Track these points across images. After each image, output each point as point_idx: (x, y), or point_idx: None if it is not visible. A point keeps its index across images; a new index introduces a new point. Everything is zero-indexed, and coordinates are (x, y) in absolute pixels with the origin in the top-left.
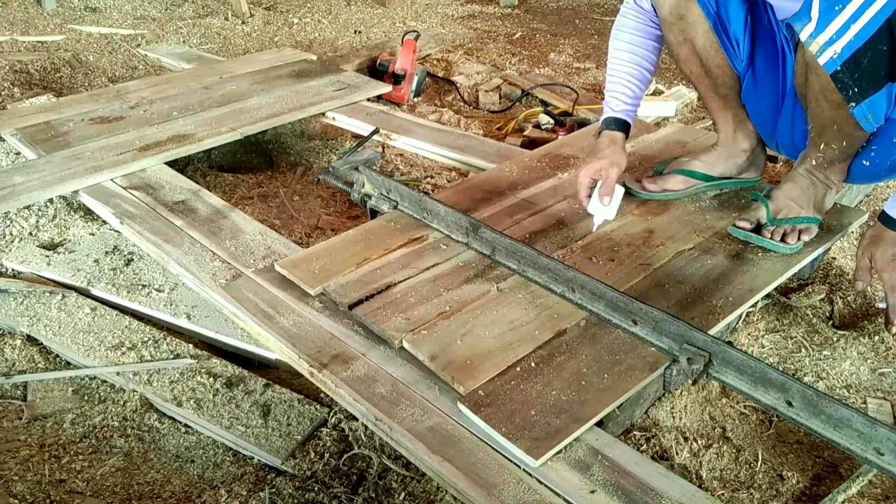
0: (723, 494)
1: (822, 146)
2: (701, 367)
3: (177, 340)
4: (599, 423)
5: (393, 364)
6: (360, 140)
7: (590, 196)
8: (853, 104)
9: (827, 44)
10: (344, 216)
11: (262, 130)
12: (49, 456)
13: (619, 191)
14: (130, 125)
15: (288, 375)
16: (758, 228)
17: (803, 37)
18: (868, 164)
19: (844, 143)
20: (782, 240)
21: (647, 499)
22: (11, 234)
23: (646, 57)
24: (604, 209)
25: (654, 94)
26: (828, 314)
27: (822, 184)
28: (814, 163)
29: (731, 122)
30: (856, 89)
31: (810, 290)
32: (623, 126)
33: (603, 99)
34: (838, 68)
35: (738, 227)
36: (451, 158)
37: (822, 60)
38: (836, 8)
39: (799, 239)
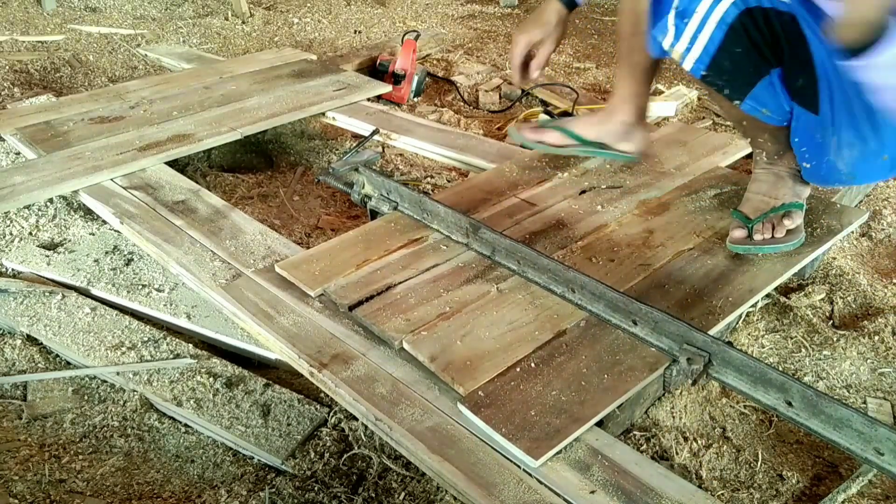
0: (723, 494)
1: (755, 140)
2: (701, 367)
3: (177, 340)
4: (599, 424)
5: (393, 364)
6: (360, 141)
7: (523, 64)
8: (738, 102)
9: (685, 51)
10: (344, 216)
11: (262, 130)
12: (49, 456)
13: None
14: (130, 125)
15: (288, 375)
16: (749, 235)
17: (666, 46)
18: (808, 166)
19: (768, 134)
20: (773, 236)
21: (647, 499)
22: (11, 233)
23: None
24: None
25: (653, 93)
26: (828, 314)
27: (786, 171)
28: (764, 157)
29: (628, 93)
30: (730, 89)
31: (810, 290)
32: (570, 3)
33: (604, 99)
34: (704, 73)
35: (734, 238)
36: (451, 158)
37: (686, 67)
38: (685, 21)
39: (785, 228)
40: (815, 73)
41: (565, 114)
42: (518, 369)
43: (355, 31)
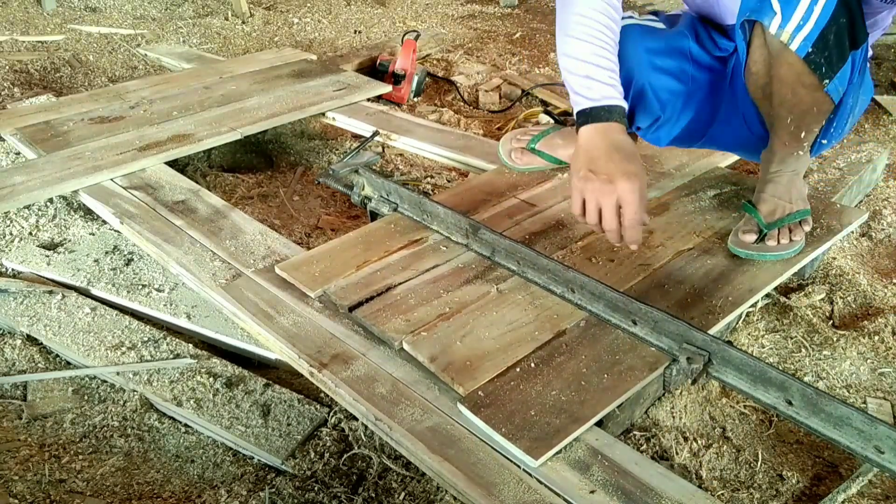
0: (723, 494)
1: (802, 134)
2: (700, 366)
3: (177, 340)
4: (599, 423)
5: (393, 364)
6: (360, 143)
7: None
8: (827, 81)
9: (796, 30)
10: (344, 216)
11: (262, 130)
12: (49, 456)
13: None
14: (130, 125)
15: (288, 375)
16: (761, 240)
17: (773, 29)
18: (826, 142)
19: (824, 123)
20: (790, 240)
21: (646, 499)
22: (11, 233)
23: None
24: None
25: None
26: (828, 314)
27: (796, 173)
28: (800, 153)
29: None
30: (827, 66)
31: (810, 290)
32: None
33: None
34: (810, 50)
35: (741, 243)
36: (451, 158)
37: (794, 46)
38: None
39: (796, 234)
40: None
41: (566, 114)
42: (518, 369)
43: (355, 31)
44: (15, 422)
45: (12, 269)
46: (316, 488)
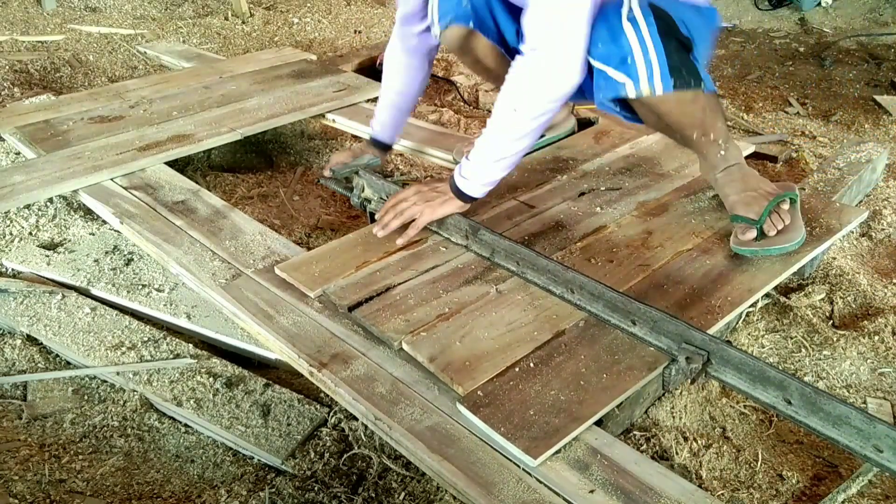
0: (723, 494)
1: (712, 134)
2: (699, 366)
3: (177, 340)
4: (599, 423)
5: (393, 364)
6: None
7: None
8: (699, 84)
9: (650, 80)
10: (344, 216)
11: (262, 131)
12: (49, 456)
13: None
14: (130, 125)
15: (288, 375)
16: (761, 234)
17: (634, 95)
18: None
19: (719, 107)
20: (785, 225)
21: (646, 498)
22: (11, 233)
23: (415, 86)
24: None
25: None
26: (828, 314)
27: (738, 165)
28: (723, 145)
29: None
30: (691, 77)
31: (810, 290)
32: (377, 143)
33: None
34: (672, 81)
35: (743, 242)
36: (451, 159)
37: (659, 91)
38: (631, 59)
39: (789, 216)
40: None
41: None
42: (517, 369)
43: (355, 31)
44: (15, 422)
45: (12, 269)
46: (316, 488)
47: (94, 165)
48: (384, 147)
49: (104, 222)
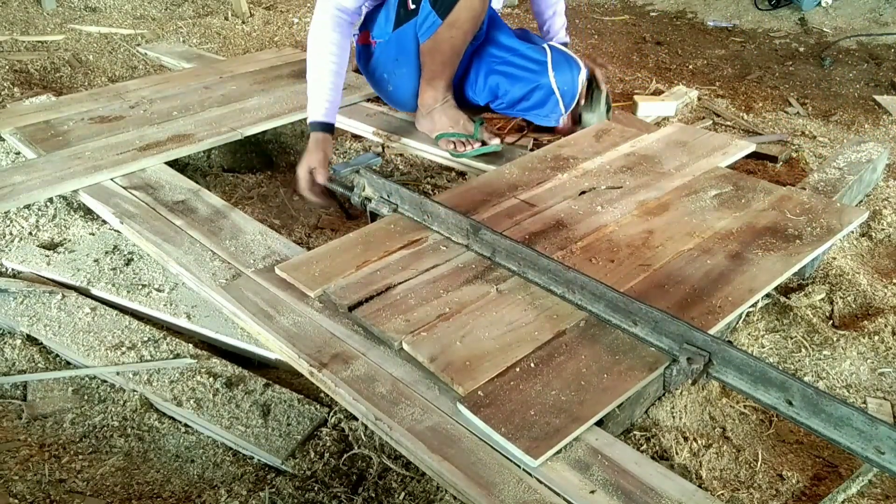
0: (723, 494)
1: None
2: (701, 366)
3: (177, 340)
4: (599, 423)
5: (393, 364)
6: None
7: (314, 187)
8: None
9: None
10: (344, 216)
11: (262, 131)
12: (49, 456)
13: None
14: (130, 125)
15: (288, 375)
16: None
17: (561, 123)
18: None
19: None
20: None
21: (646, 498)
22: (11, 233)
23: (343, 64)
24: None
25: (653, 93)
26: (828, 314)
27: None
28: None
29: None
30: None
31: (810, 290)
32: (329, 128)
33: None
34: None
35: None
36: (451, 159)
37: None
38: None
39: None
40: None
41: None
42: (518, 369)
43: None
44: (15, 422)
45: (12, 269)
46: (316, 488)
47: (94, 165)
48: (332, 130)
49: (104, 222)
